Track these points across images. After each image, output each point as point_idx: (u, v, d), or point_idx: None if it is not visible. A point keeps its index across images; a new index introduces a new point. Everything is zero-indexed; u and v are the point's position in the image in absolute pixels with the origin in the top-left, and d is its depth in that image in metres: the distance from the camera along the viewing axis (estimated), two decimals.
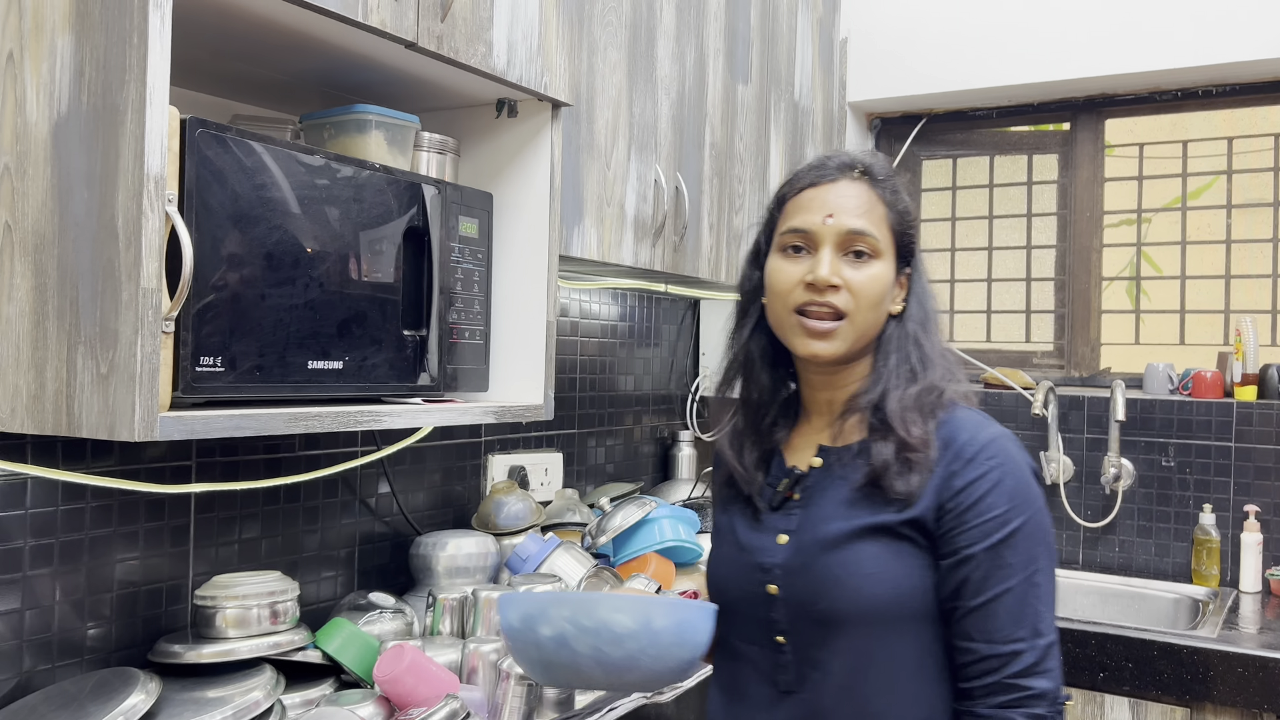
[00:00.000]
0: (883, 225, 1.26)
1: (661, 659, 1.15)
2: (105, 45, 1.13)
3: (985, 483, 1.19)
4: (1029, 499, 1.20)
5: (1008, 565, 1.18)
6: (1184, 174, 3.04)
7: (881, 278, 1.25)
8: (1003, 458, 1.21)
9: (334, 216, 1.39)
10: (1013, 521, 1.19)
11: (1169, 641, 2.21)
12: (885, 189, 1.28)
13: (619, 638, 1.14)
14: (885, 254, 1.26)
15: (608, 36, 1.95)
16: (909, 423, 1.23)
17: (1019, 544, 1.18)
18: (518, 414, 1.67)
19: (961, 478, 1.20)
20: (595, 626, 1.14)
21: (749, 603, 1.29)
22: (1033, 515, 1.20)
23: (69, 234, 1.16)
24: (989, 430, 1.23)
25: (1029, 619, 1.18)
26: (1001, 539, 1.18)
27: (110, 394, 1.12)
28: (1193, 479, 2.82)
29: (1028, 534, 1.19)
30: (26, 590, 1.47)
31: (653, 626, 1.14)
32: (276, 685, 1.52)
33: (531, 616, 1.17)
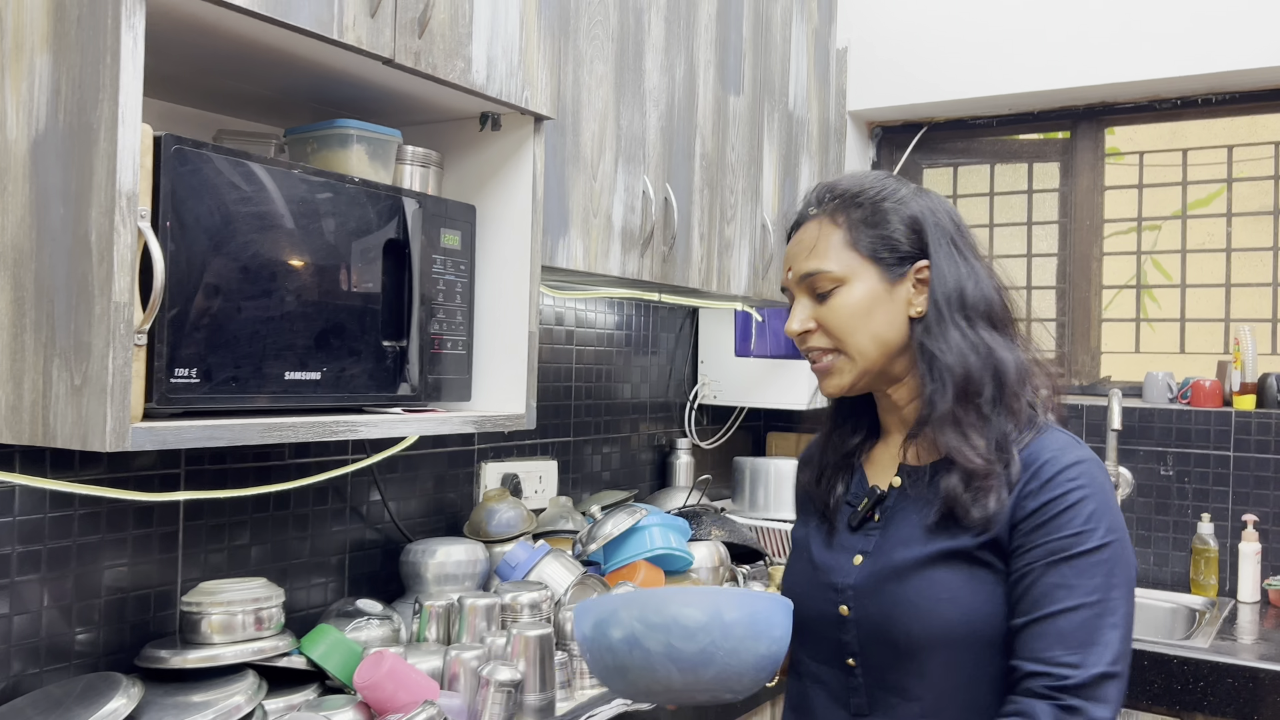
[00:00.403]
0: (840, 251, 1.26)
1: (737, 653, 1.12)
2: (80, 65, 1.16)
3: (1060, 503, 1.16)
4: (1110, 526, 1.15)
5: (1070, 586, 1.13)
6: (1184, 182, 3.03)
7: (850, 303, 1.25)
8: (1085, 480, 1.17)
9: (311, 230, 1.42)
10: (1086, 544, 1.14)
11: (1159, 651, 2.20)
12: (846, 210, 1.28)
13: (690, 632, 1.11)
14: (854, 276, 1.25)
15: (594, 50, 1.97)
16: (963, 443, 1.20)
17: (1089, 568, 1.13)
18: (499, 423, 1.69)
19: (1036, 499, 1.17)
20: (665, 622, 1.11)
21: (821, 622, 1.29)
22: (1111, 544, 1.15)
23: (46, 249, 1.19)
24: (1075, 453, 1.19)
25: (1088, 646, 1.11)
26: (1068, 557, 1.14)
27: (83, 405, 1.15)
28: (1191, 488, 2.81)
29: (1102, 560, 1.14)
30: (14, 596, 1.50)
31: (724, 619, 1.11)
32: (258, 690, 1.54)
33: (602, 621, 1.15)
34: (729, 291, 2.46)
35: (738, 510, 2.97)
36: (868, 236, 1.26)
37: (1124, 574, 1.15)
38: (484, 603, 1.84)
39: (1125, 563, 1.16)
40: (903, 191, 1.29)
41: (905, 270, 1.26)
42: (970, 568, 1.19)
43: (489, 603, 1.84)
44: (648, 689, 1.16)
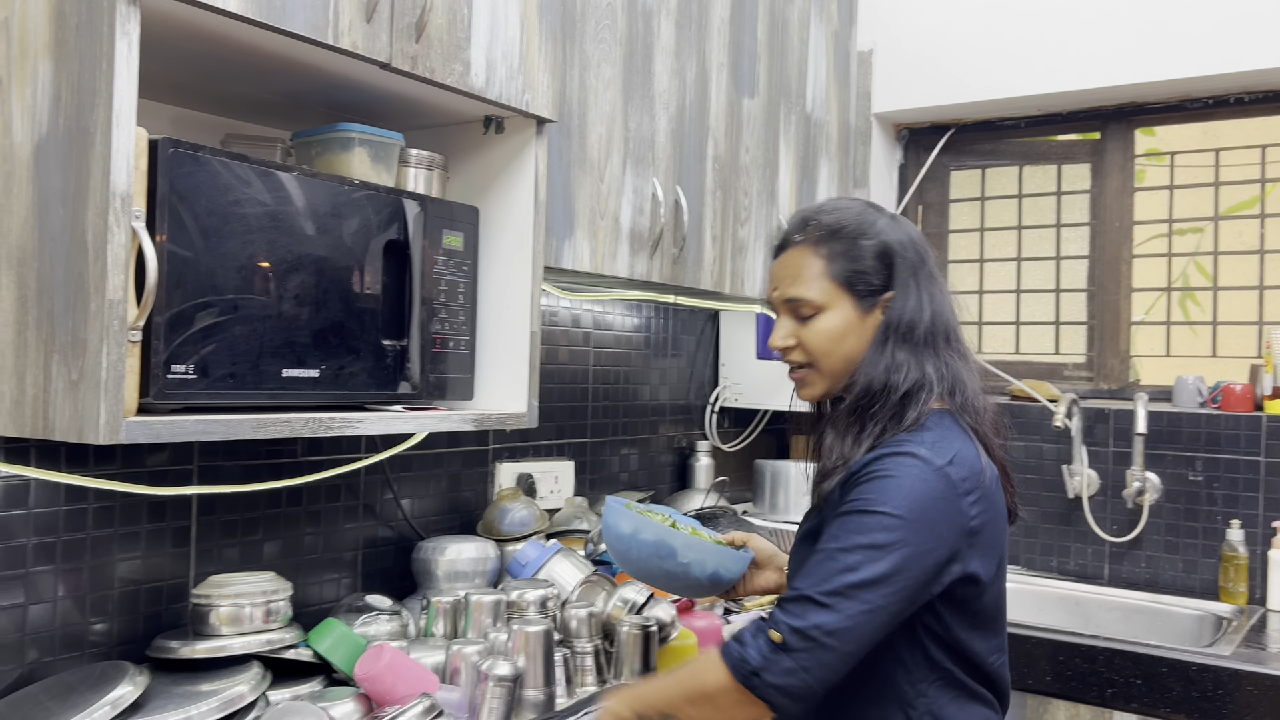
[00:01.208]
0: (820, 280, 1.42)
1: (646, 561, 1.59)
2: (79, 70, 1.21)
3: (863, 477, 1.30)
4: (895, 505, 1.26)
5: (833, 535, 1.28)
6: (1216, 183, 2.98)
7: (827, 328, 1.41)
8: (893, 467, 1.29)
9: (309, 230, 1.45)
10: (862, 507, 1.27)
11: (1178, 658, 2.17)
12: (824, 244, 1.42)
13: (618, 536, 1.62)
14: (831, 304, 1.41)
15: (601, 53, 1.99)
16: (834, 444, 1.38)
17: (852, 523, 1.27)
18: (500, 421, 1.72)
19: (854, 477, 1.32)
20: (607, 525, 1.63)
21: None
22: (885, 514, 1.25)
23: (47, 248, 1.23)
24: (906, 447, 1.31)
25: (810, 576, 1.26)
26: (845, 513, 1.29)
27: (79, 399, 1.19)
28: (1221, 494, 2.76)
29: (867, 523, 1.26)
30: (30, 586, 1.55)
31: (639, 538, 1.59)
32: (262, 680, 1.58)
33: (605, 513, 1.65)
34: (743, 294, 2.47)
35: (758, 513, 2.97)
36: (845, 270, 1.41)
37: (882, 540, 1.24)
38: (490, 599, 1.86)
39: (893, 535, 1.25)
40: (880, 224, 1.43)
41: (876, 300, 1.42)
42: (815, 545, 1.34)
43: (495, 599, 1.87)
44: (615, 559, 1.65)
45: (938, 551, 1.27)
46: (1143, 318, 3.05)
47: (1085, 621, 2.78)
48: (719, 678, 1.26)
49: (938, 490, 1.28)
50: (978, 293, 3.32)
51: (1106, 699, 2.24)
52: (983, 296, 3.32)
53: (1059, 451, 2.97)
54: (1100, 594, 2.81)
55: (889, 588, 1.24)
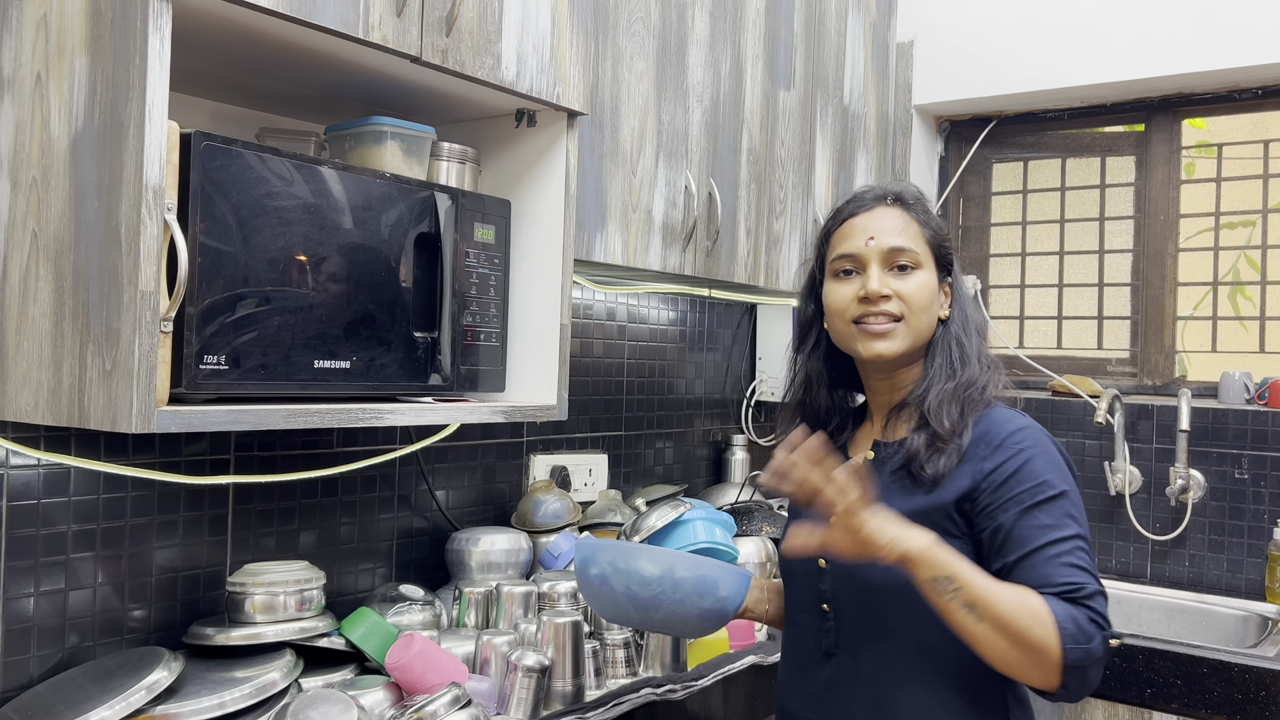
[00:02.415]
0: (920, 240, 1.46)
1: (683, 603, 1.42)
2: (113, 66, 1.23)
3: (1014, 463, 1.33)
4: (1060, 476, 1.33)
5: (1049, 526, 1.29)
6: (1265, 175, 2.92)
7: (927, 285, 1.44)
8: (1029, 442, 1.35)
9: (341, 223, 1.46)
10: (1047, 492, 1.31)
11: (1219, 659, 2.13)
12: (916, 210, 1.48)
13: (645, 581, 1.42)
14: (926, 265, 1.45)
15: (634, 47, 1.99)
16: (943, 415, 1.39)
17: (1053, 508, 1.30)
18: (529, 414, 1.73)
19: (991, 461, 1.35)
20: (627, 570, 1.43)
21: (804, 574, 1.48)
22: (1067, 491, 1.32)
23: (82, 240, 1.25)
24: (1018, 421, 1.39)
25: (1083, 570, 1.27)
26: (1037, 504, 1.30)
27: (113, 389, 1.21)
28: (1268, 492, 2.71)
29: (1065, 505, 1.31)
30: (70, 573, 1.58)
31: (675, 575, 1.41)
32: (295, 668, 1.60)
33: (585, 559, 1.47)
34: (778, 287, 2.46)
35: None
36: (934, 240, 1.48)
37: (1082, 517, 1.33)
38: (521, 590, 1.88)
39: (1080, 508, 1.34)
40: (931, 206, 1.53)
41: (945, 278, 1.49)
42: (936, 527, 1.32)
43: (526, 590, 1.88)
44: (612, 616, 1.50)
45: None
46: (1191, 313, 2.99)
47: (1127, 621, 2.74)
48: (1045, 639, 1.21)
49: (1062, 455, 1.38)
50: (1019, 287, 3.28)
51: (1146, 699, 2.21)
52: (1024, 290, 3.28)
53: (1101, 448, 2.93)
54: (1142, 593, 2.77)
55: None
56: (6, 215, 1.33)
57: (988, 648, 1.23)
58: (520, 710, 1.65)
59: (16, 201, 1.32)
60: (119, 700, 1.41)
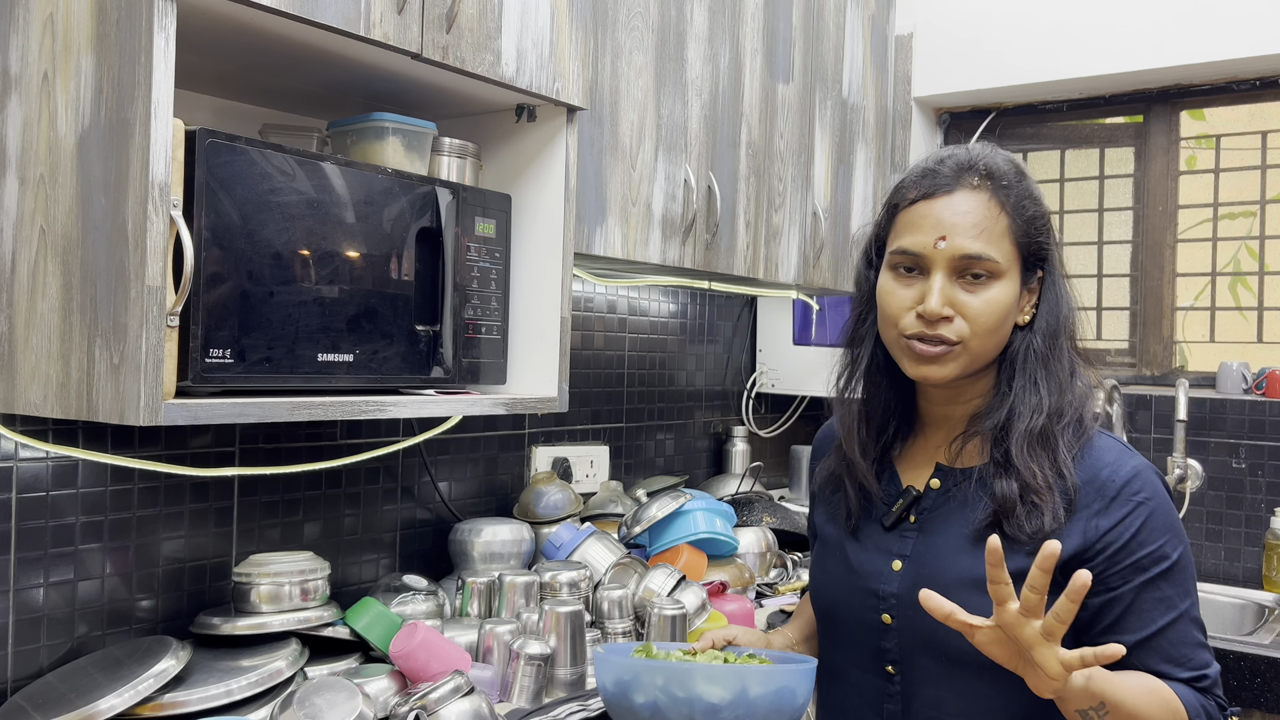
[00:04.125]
0: (1004, 240, 1.17)
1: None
2: (119, 64, 1.25)
3: (1134, 520, 1.15)
4: (1178, 532, 1.17)
5: (1168, 598, 1.14)
6: (1263, 166, 2.93)
7: (1001, 301, 1.16)
8: (1149, 491, 1.17)
9: (343, 218, 1.48)
10: (1170, 556, 1.15)
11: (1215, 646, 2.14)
12: (1009, 194, 1.18)
13: (714, 708, 1.10)
14: (1008, 272, 1.17)
15: (633, 41, 2.01)
16: (1033, 460, 1.17)
17: (1175, 576, 1.15)
18: (530, 405, 1.75)
19: (1108, 517, 1.16)
20: (689, 698, 1.11)
21: (860, 628, 1.26)
22: (1184, 549, 1.17)
23: (90, 236, 1.27)
24: (1130, 462, 1.18)
25: (1203, 646, 1.17)
26: (1160, 574, 1.14)
27: (120, 382, 1.23)
28: (1265, 481, 2.73)
29: (1181, 567, 1.16)
30: (78, 563, 1.61)
31: (748, 696, 1.11)
32: (300, 657, 1.63)
33: (625, 683, 1.15)
34: (777, 279, 2.48)
35: (794, 498, 2.98)
36: (1025, 234, 1.19)
37: (1193, 572, 1.19)
38: (523, 580, 1.90)
39: (1191, 561, 1.19)
40: (1029, 181, 1.22)
41: (1033, 276, 1.21)
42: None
43: (528, 580, 1.90)
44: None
45: None
46: (1191, 303, 3.01)
47: None
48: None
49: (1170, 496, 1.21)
50: None
51: None
52: None
53: None
54: None
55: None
56: (15, 212, 1.35)
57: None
58: (523, 698, 1.67)
59: (25, 198, 1.34)
60: (128, 688, 1.43)
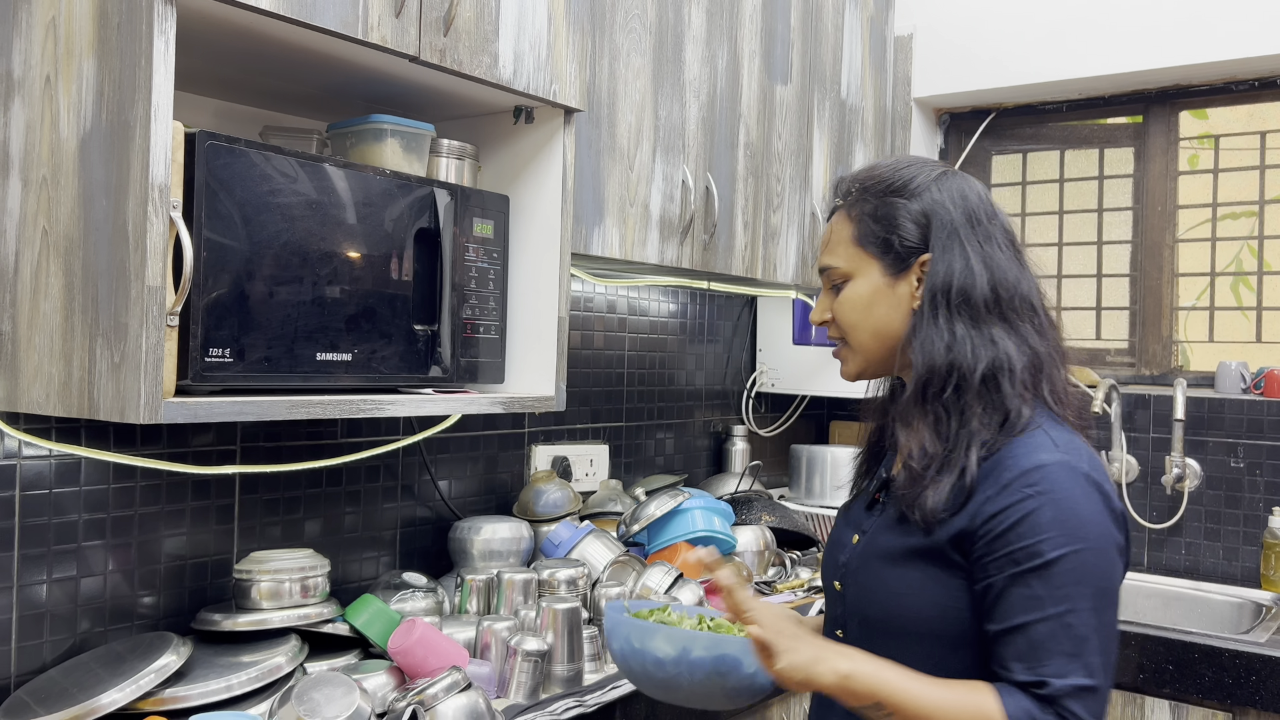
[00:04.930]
0: (847, 246, 1.32)
1: (703, 684, 1.27)
2: (120, 68, 1.27)
3: (1016, 512, 1.15)
4: (1071, 535, 1.13)
5: (1036, 597, 1.13)
6: (1262, 166, 2.94)
7: (852, 298, 1.31)
8: (1045, 486, 1.15)
9: (342, 219, 1.50)
10: (1046, 554, 1.13)
11: (1210, 644, 2.16)
12: (855, 206, 1.33)
13: (660, 662, 1.28)
14: (859, 271, 1.31)
15: (630, 43, 2.02)
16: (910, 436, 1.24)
17: (1051, 578, 1.13)
18: (527, 404, 1.76)
19: (994, 504, 1.17)
20: (642, 650, 1.30)
21: (828, 596, 1.40)
22: (1073, 553, 1.13)
23: (91, 237, 1.29)
24: (1041, 457, 1.17)
25: (1062, 656, 1.12)
26: (1031, 569, 1.13)
27: (121, 381, 1.25)
28: (1263, 480, 2.73)
29: (1065, 570, 1.13)
30: (81, 560, 1.63)
31: (690, 657, 1.26)
32: (299, 652, 1.65)
33: (610, 630, 1.36)
34: (775, 279, 2.49)
35: (794, 497, 3.00)
36: (873, 232, 1.30)
37: (1093, 583, 1.13)
38: (521, 577, 1.91)
39: (1093, 571, 1.14)
40: (918, 180, 1.30)
41: (909, 264, 1.28)
42: (935, 567, 1.21)
43: (526, 578, 1.92)
44: (640, 686, 1.36)
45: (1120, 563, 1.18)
46: (1193, 303, 3.01)
47: (1123, 608, 2.75)
48: None
49: (1096, 502, 1.16)
50: None
51: (1138, 684, 2.24)
52: None
53: (1098, 438, 2.96)
54: (1139, 581, 2.80)
55: (1115, 622, 1.17)
56: (18, 213, 1.37)
57: None
58: (520, 693, 1.69)
59: (28, 200, 1.36)
60: (129, 683, 1.45)
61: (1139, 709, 2.25)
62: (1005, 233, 1.29)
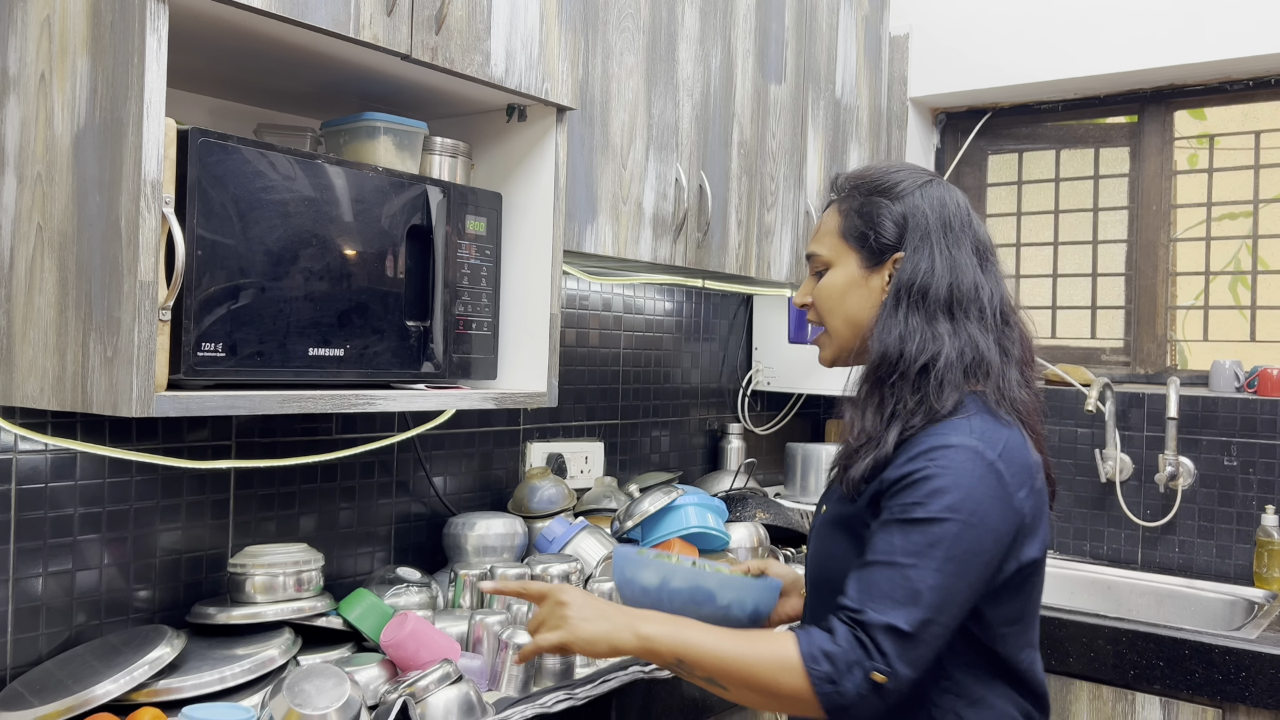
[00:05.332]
0: (832, 237, 1.44)
1: (683, 611, 1.37)
2: (113, 65, 1.28)
3: (911, 478, 1.25)
4: (951, 506, 1.21)
5: (892, 545, 1.22)
6: (1256, 165, 2.95)
7: (830, 284, 1.43)
8: (943, 464, 1.24)
9: (334, 215, 1.52)
10: (917, 513, 1.22)
11: (1201, 641, 2.17)
12: (845, 202, 1.45)
13: (645, 590, 1.41)
14: (839, 261, 1.43)
15: (623, 42, 2.04)
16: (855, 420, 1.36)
17: (913, 535, 1.21)
18: (519, 401, 1.78)
19: (897, 471, 1.27)
20: (630, 579, 1.43)
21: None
22: (945, 521, 1.21)
23: (85, 233, 1.31)
24: (952, 439, 1.26)
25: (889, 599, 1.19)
26: (900, 520, 1.23)
27: (114, 375, 1.27)
28: (1256, 479, 2.74)
29: (929, 532, 1.21)
30: (76, 554, 1.64)
31: (669, 586, 1.40)
32: (293, 645, 1.66)
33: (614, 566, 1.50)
34: (770, 277, 2.50)
35: (789, 495, 3.01)
36: (856, 227, 1.42)
37: (950, 552, 1.20)
38: (514, 572, 1.93)
39: (955, 542, 1.21)
40: (904, 184, 1.41)
41: (884, 260, 1.39)
42: (856, 531, 1.34)
43: (519, 572, 1.93)
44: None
45: (995, 551, 1.24)
46: (1191, 303, 3.02)
47: (1116, 606, 2.78)
48: (797, 688, 1.19)
49: (991, 488, 1.23)
50: (1014, 277, 3.32)
51: (1129, 681, 2.25)
52: (1019, 281, 3.31)
53: (1093, 436, 2.97)
54: (1132, 579, 2.81)
55: (961, 597, 1.22)
56: (13, 209, 1.39)
57: (752, 705, 1.25)
58: (511, 686, 1.70)
59: (22, 196, 1.38)
60: (123, 675, 1.47)
61: (1129, 705, 2.26)
62: (975, 241, 1.39)
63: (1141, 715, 2.25)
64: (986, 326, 1.34)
